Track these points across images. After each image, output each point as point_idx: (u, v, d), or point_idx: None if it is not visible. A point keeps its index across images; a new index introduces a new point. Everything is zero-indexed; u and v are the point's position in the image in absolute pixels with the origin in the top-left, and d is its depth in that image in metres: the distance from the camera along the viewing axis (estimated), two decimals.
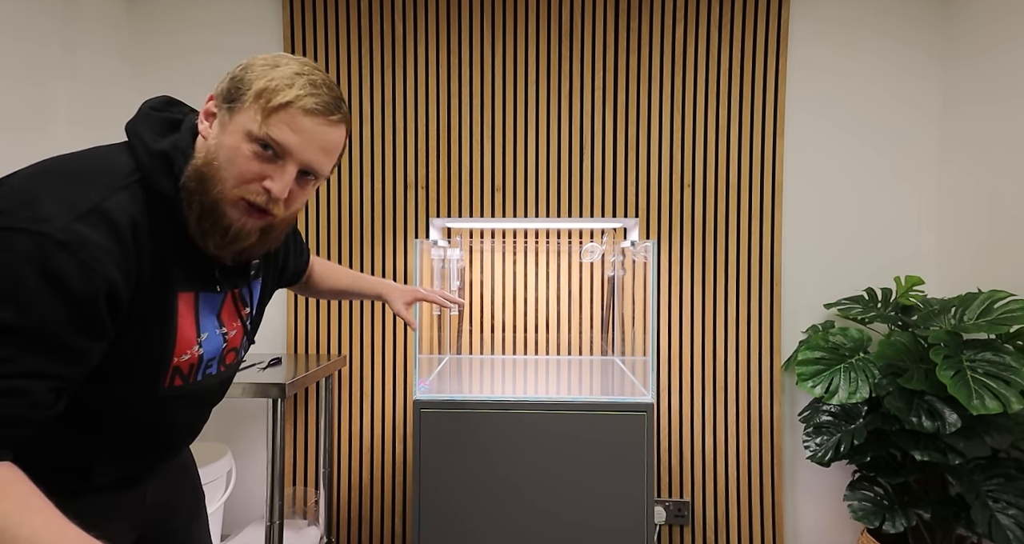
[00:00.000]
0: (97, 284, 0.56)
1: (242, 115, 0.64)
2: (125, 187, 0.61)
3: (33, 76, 1.54)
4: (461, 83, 1.86)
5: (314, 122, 0.65)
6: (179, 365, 0.70)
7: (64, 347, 0.56)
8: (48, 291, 0.54)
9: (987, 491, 1.40)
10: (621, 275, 1.83)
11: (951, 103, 1.80)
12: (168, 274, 0.65)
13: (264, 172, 0.65)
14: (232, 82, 0.65)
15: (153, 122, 0.68)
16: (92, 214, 0.57)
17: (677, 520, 1.83)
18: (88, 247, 0.55)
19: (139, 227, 0.61)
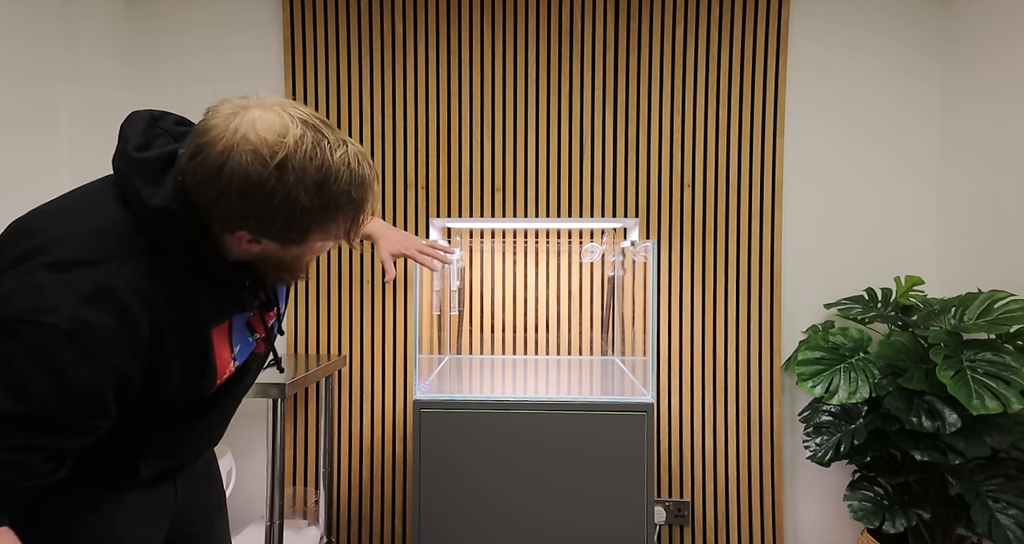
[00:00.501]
0: (104, 370, 0.56)
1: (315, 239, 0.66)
2: (130, 257, 0.59)
3: (34, 77, 1.54)
4: (461, 83, 1.86)
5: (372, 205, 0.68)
6: (221, 383, 0.75)
7: (62, 428, 0.57)
8: (51, 383, 0.54)
9: (987, 491, 1.40)
10: (621, 275, 1.83)
11: (951, 103, 1.80)
12: (195, 319, 0.66)
13: None
14: (284, 232, 0.61)
15: (145, 169, 0.62)
16: (96, 295, 0.56)
17: (677, 520, 1.83)
18: (92, 332, 0.55)
19: (146, 295, 0.59)
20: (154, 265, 0.61)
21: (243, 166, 0.56)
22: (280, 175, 0.57)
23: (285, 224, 0.61)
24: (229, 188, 0.57)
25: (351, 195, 0.62)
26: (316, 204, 0.60)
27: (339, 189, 0.60)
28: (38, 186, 1.55)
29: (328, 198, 0.60)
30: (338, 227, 0.64)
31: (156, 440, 0.73)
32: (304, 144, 0.58)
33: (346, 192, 0.61)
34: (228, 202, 0.58)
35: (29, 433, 0.54)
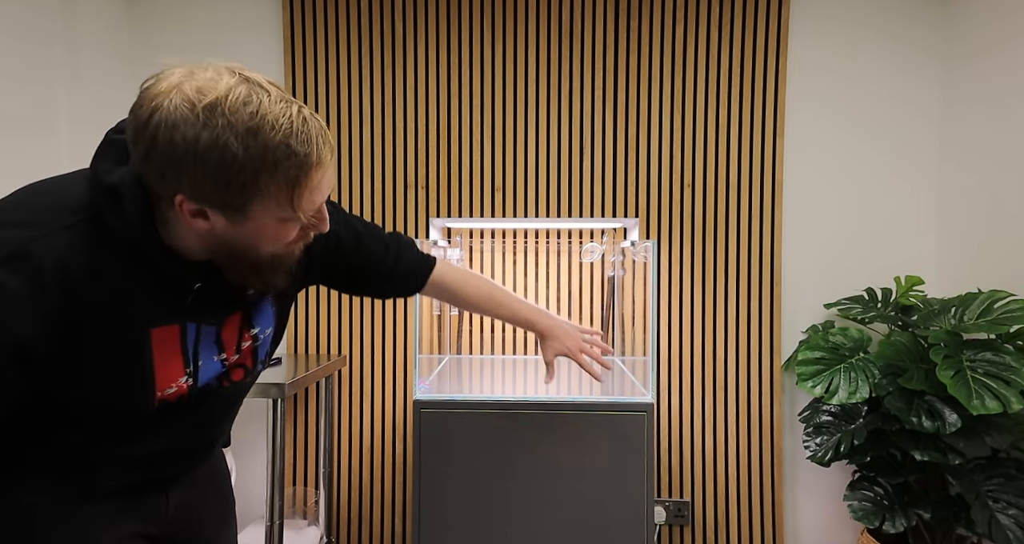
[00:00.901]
0: (5, 336, 0.54)
1: (260, 211, 0.59)
2: (70, 226, 0.58)
3: (34, 76, 1.54)
4: (461, 83, 1.86)
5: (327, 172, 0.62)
6: (165, 397, 0.68)
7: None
8: None
9: (987, 491, 1.40)
10: (621, 275, 1.83)
11: (951, 103, 1.80)
12: (130, 312, 0.62)
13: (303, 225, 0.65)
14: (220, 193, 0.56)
15: (112, 151, 0.62)
16: (12, 258, 0.55)
17: (677, 520, 1.83)
18: (2, 294, 0.54)
19: (70, 269, 0.57)
20: (92, 243, 0.59)
21: (170, 112, 0.54)
22: (208, 119, 0.53)
23: (219, 180, 0.55)
24: (156, 136, 0.54)
25: (290, 147, 0.55)
26: (249, 154, 0.54)
27: (276, 139, 0.55)
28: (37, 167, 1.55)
29: (263, 149, 0.54)
30: (279, 189, 0.57)
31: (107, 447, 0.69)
32: (238, 90, 0.55)
33: (283, 144, 0.55)
34: (157, 154, 0.55)
35: None
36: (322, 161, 0.59)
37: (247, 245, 0.62)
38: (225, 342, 0.72)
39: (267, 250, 0.64)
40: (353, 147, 1.88)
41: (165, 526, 0.78)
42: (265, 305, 0.77)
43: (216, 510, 0.88)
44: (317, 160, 0.58)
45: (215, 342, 0.71)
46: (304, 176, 0.58)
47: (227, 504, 0.91)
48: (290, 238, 0.64)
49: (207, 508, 0.86)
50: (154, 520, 0.77)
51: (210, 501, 0.87)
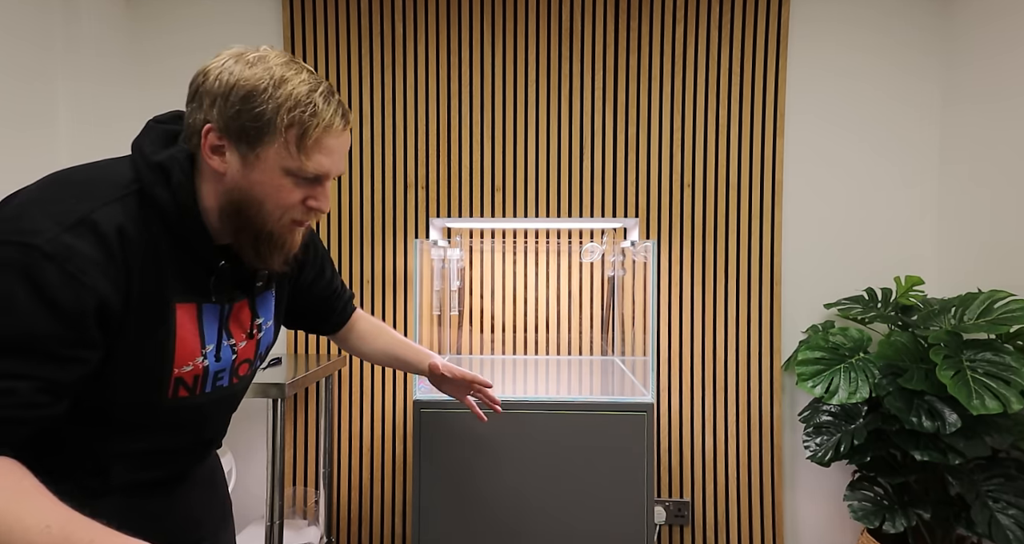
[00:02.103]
0: (84, 297, 0.57)
1: (272, 154, 0.64)
2: (119, 198, 0.62)
3: (34, 76, 1.54)
4: (461, 83, 1.86)
5: (339, 138, 0.68)
6: (181, 376, 0.70)
7: (48, 354, 0.56)
8: (34, 302, 0.55)
9: (987, 491, 1.40)
10: (621, 275, 1.83)
11: (951, 103, 1.80)
12: (163, 284, 0.65)
13: (305, 194, 0.68)
14: (242, 117, 0.63)
15: (155, 135, 0.68)
16: (80, 225, 0.58)
17: (677, 520, 1.83)
18: (75, 259, 0.56)
19: (127, 236, 0.61)
20: (139, 215, 0.63)
21: (219, 63, 0.64)
22: (251, 65, 0.63)
23: (245, 105, 0.62)
24: (207, 78, 0.64)
25: (312, 98, 0.64)
26: (276, 92, 0.62)
27: (303, 89, 0.63)
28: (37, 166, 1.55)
29: (289, 92, 0.63)
30: (292, 133, 0.63)
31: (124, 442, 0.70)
32: (283, 57, 0.65)
33: (308, 93, 0.63)
34: (202, 90, 0.63)
35: (16, 359, 0.55)
36: (337, 126, 0.66)
37: (253, 199, 0.66)
38: (235, 327, 0.75)
39: (270, 212, 0.67)
40: (353, 147, 1.88)
41: (169, 526, 0.79)
42: (268, 297, 0.81)
43: (213, 514, 0.89)
44: (333, 122, 0.65)
45: (226, 326, 0.74)
46: (318, 128, 0.64)
47: (224, 508, 0.92)
48: (292, 201, 0.67)
49: (205, 511, 0.87)
50: (159, 521, 0.77)
51: (208, 504, 0.88)
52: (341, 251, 1.89)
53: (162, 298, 0.65)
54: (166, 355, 0.67)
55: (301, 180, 0.66)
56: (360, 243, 1.89)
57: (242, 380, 0.80)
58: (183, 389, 0.71)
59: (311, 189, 0.68)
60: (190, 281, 0.68)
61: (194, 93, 0.65)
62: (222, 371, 0.75)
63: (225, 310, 0.73)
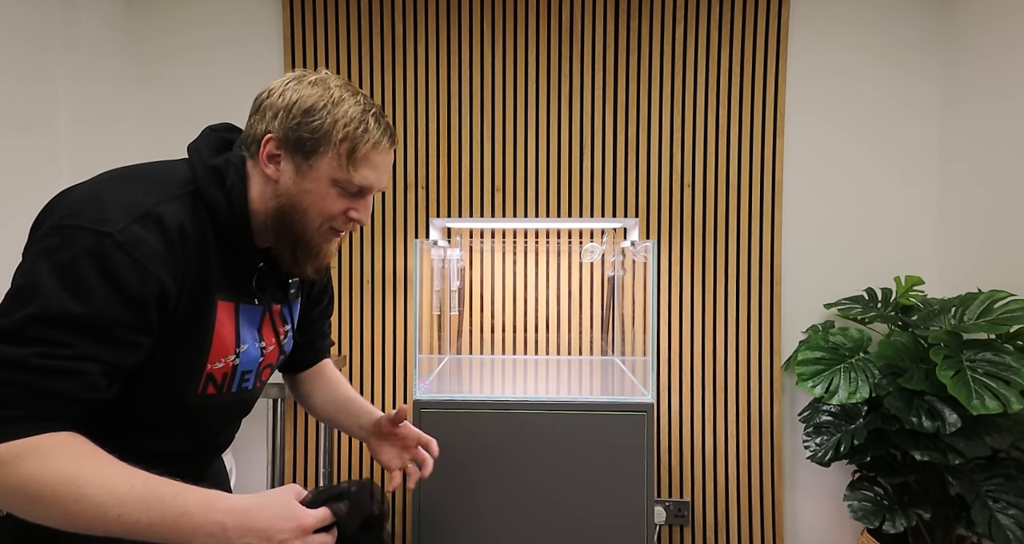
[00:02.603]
0: (149, 283, 0.60)
1: (324, 165, 0.70)
2: (178, 196, 0.66)
3: (33, 76, 1.54)
4: (461, 83, 1.86)
5: (385, 156, 0.74)
6: (212, 372, 0.71)
7: (116, 338, 0.59)
8: (105, 286, 0.58)
9: (987, 491, 1.40)
10: (621, 275, 1.83)
11: (951, 103, 1.80)
12: (208, 281, 0.68)
13: (348, 205, 0.74)
14: (301, 129, 0.69)
15: (211, 140, 0.74)
16: (146, 218, 0.62)
17: (677, 520, 1.83)
18: (142, 248, 0.60)
19: (186, 232, 0.65)
20: (194, 213, 0.67)
21: (283, 82, 0.72)
22: (312, 84, 0.71)
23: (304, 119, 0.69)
24: (271, 94, 0.71)
25: (365, 118, 0.70)
26: (334, 110, 0.69)
27: (358, 109, 0.70)
28: (38, 184, 1.55)
29: (345, 111, 0.69)
30: (344, 148, 0.69)
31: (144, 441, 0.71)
32: (340, 80, 0.73)
33: (361, 113, 0.71)
34: (266, 104, 0.71)
35: (91, 342, 0.58)
36: (384, 144, 0.73)
37: (299, 206, 0.71)
38: (268, 331, 0.79)
39: (313, 219, 0.72)
40: None
41: None
42: (296, 305, 0.85)
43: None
44: (381, 140, 0.72)
45: (258, 328, 0.77)
46: (367, 144, 0.71)
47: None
48: (334, 210, 0.72)
49: None
50: None
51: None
52: (341, 251, 1.89)
53: (207, 293, 0.69)
54: (203, 349, 0.69)
55: (346, 192, 0.72)
56: (360, 243, 1.89)
57: (263, 384, 0.83)
58: (212, 386, 0.72)
59: (354, 201, 0.74)
60: (232, 280, 0.72)
61: (258, 107, 0.71)
62: (249, 372, 0.77)
63: (262, 312, 0.77)
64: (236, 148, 0.73)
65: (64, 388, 0.57)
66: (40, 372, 0.55)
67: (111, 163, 1.81)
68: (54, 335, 0.56)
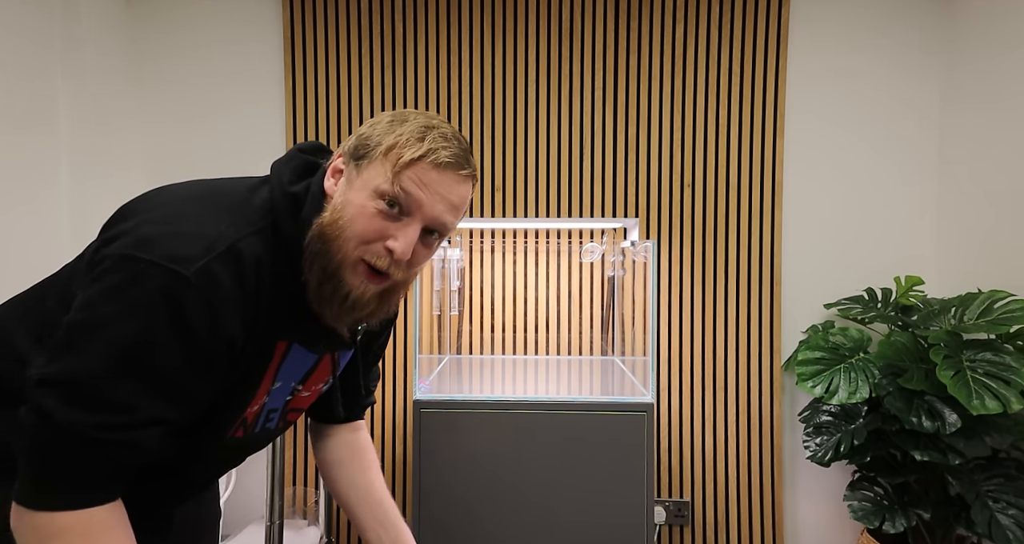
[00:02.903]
0: (221, 336, 0.56)
1: (370, 171, 0.61)
2: (259, 230, 0.60)
3: (34, 74, 1.54)
4: (461, 83, 1.86)
5: (443, 176, 0.62)
6: (247, 415, 0.68)
7: (184, 393, 0.56)
8: (179, 337, 0.53)
9: (987, 491, 1.40)
10: (621, 275, 1.83)
11: (951, 103, 1.80)
12: (276, 321, 0.63)
13: (387, 231, 0.61)
14: (360, 139, 0.64)
15: (295, 163, 0.67)
16: (228, 254, 0.56)
17: (677, 520, 1.83)
18: (219, 291, 0.55)
19: (262, 272, 0.59)
20: (274, 245, 0.61)
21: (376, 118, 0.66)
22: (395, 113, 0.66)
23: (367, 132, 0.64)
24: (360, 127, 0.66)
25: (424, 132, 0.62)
26: (396, 123, 0.63)
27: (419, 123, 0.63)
28: (38, 182, 1.55)
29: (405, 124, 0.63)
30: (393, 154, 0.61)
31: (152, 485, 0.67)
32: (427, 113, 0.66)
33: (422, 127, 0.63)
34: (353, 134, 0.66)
35: (160, 400, 0.54)
36: (439, 159, 0.61)
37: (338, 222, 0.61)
38: (314, 378, 0.73)
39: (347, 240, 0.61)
40: None
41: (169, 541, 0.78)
42: (346, 356, 0.78)
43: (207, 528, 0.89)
44: (437, 153, 0.61)
45: (303, 373, 0.71)
46: (415, 151, 0.61)
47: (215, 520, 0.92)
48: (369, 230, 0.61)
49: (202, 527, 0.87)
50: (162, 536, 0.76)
51: (205, 520, 0.88)
52: None
53: (272, 335, 0.63)
54: (251, 393, 0.65)
55: (387, 208, 0.61)
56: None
57: (286, 424, 0.77)
58: (241, 429, 0.69)
59: (394, 227, 0.61)
60: (295, 321, 0.65)
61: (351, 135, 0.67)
62: (274, 411, 0.72)
63: (314, 358, 0.70)
64: (319, 174, 0.66)
65: (124, 459, 0.53)
66: (101, 445, 0.51)
67: (111, 162, 1.81)
68: (118, 397, 0.52)
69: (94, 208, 1.70)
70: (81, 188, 1.67)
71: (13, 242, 1.48)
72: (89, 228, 1.69)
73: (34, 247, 1.53)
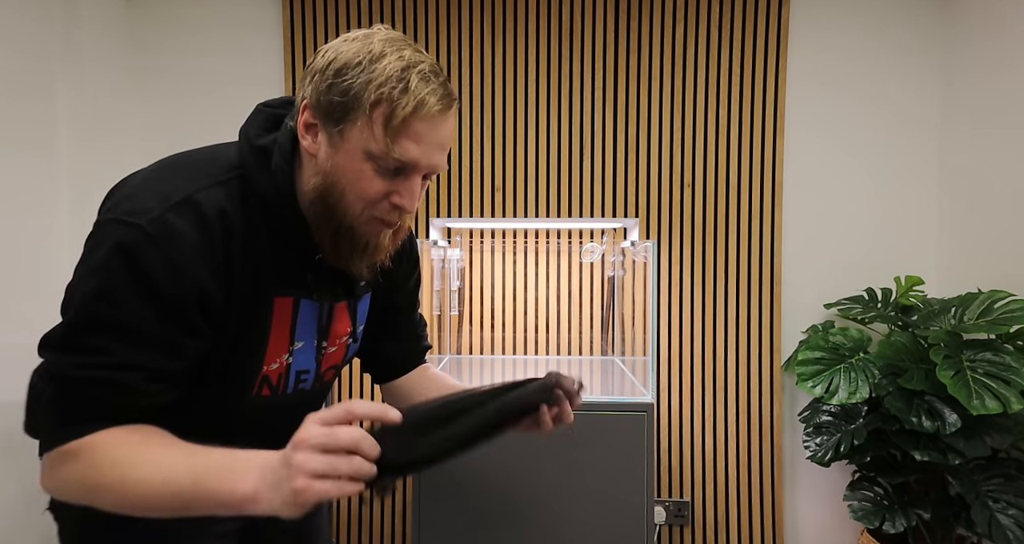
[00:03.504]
0: (185, 285, 0.56)
1: (356, 133, 0.58)
2: (224, 181, 0.61)
3: (33, 83, 1.54)
4: (461, 83, 1.86)
5: (434, 124, 0.60)
6: (267, 374, 0.67)
7: (156, 341, 0.57)
8: (138, 287, 0.55)
9: (987, 491, 1.40)
10: (621, 275, 1.83)
11: (951, 103, 1.80)
12: (263, 276, 0.63)
13: (390, 188, 0.61)
14: (330, 92, 0.59)
15: (261, 119, 0.66)
16: (183, 205, 0.57)
17: (677, 520, 1.83)
18: (176, 239, 0.56)
19: (229, 221, 0.59)
20: (242, 201, 0.61)
21: (332, 42, 0.62)
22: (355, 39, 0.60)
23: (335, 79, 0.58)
24: (314, 59, 0.61)
25: (407, 76, 0.57)
26: (370, 67, 0.57)
27: (398, 65, 0.58)
28: (37, 181, 1.55)
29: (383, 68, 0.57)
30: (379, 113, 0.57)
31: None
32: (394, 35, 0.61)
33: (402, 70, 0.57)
34: (309, 68, 0.61)
35: (128, 347, 0.55)
36: (431, 107, 0.58)
37: (336, 186, 0.60)
38: (329, 329, 0.72)
39: (352, 203, 0.61)
40: None
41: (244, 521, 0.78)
42: (365, 302, 0.78)
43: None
44: (427, 101, 0.58)
45: (319, 327, 0.71)
46: (407, 107, 0.57)
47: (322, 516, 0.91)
48: (373, 193, 0.61)
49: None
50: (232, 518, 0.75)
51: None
52: None
53: (262, 291, 0.63)
54: (259, 351, 0.65)
55: (384, 169, 0.60)
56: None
57: (324, 385, 0.76)
58: (266, 388, 0.68)
59: (396, 182, 0.61)
60: (288, 274, 0.65)
61: (304, 72, 0.62)
62: (306, 372, 0.71)
63: (324, 310, 0.70)
64: (286, 123, 0.64)
65: (107, 396, 0.55)
66: (81, 382, 0.55)
67: (110, 168, 1.81)
68: (92, 342, 0.55)
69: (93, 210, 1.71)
70: (81, 198, 1.67)
71: (10, 250, 1.48)
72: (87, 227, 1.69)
73: (33, 259, 1.54)
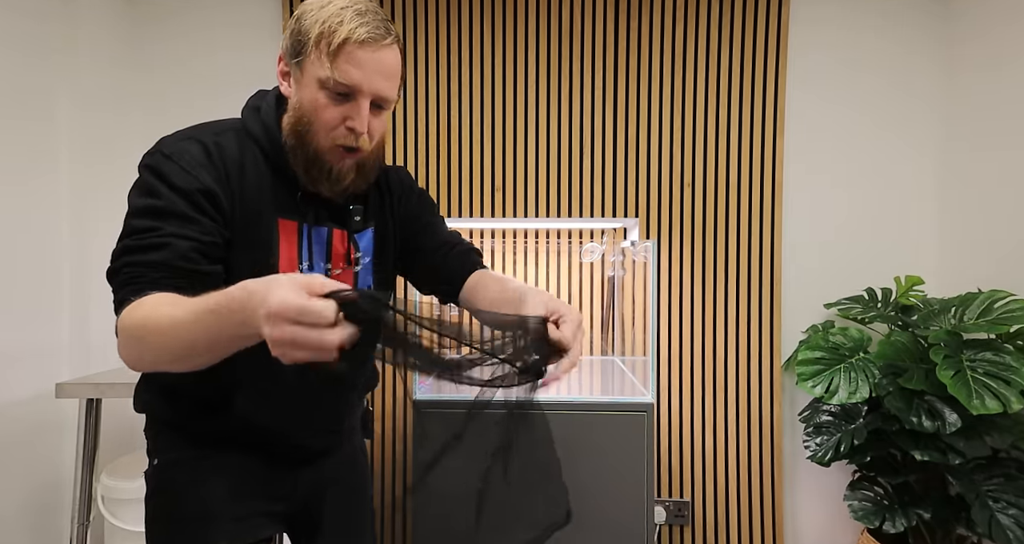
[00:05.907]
0: (190, 180, 0.70)
1: (309, 66, 0.71)
2: (221, 132, 0.76)
3: (33, 80, 1.54)
4: (461, 83, 1.86)
5: (369, 51, 0.70)
6: None
7: (188, 218, 0.69)
8: (163, 184, 0.70)
9: (987, 491, 1.40)
10: (621, 275, 1.83)
11: (951, 102, 1.80)
12: (263, 200, 0.75)
13: (344, 114, 0.72)
14: (292, 37, 0.72)
15: (258, 94, 0.81)
16: (190, 139, 0.73)
17: (677, 520, 1.83)
18: (185, 156, 0.71)
19: (224, 150, 0.74)
20: (239, 143, 0.76)
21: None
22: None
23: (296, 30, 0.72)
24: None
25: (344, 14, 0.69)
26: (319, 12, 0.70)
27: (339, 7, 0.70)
28: (36, 180, 1.55)
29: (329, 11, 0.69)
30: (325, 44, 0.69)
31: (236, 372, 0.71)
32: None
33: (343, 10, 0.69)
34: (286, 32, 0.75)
35: (171, 223, 0.68)
36: (360, 36, 0.69)
37: (304, 118, 0.73)
38: (332, 252, 0.81)
39: (317, 132, 0.73)
40: None
41: (291, 504, 0.85)
42: (367, 234, 0.86)
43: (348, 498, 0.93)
44: (357, 31, 0.69)
45: (324, 250, 0.81)
46: (340, 37, 0.68)
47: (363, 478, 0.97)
48: (331, 120, 0.72)
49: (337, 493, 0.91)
50: (279, 498, 0.84)
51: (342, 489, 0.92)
52: None
53: (264, 213, 0.75)
54: (271, 265, 0.75)
55: (335, 95, 0.71)
56: None
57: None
58: None
59: (348, 108, 0.72)
60: (285, 202, 0.77)
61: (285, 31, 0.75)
62: None
63: (325, 233, 0.80)
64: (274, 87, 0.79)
65: (158, 258, 0.66)
66: (138, 251, 0.67)
67: (111, 168, 1.81)
68: (143, 224, 0.68)
69: (94, 203, 1.71)
70: (81, 199, 1.67)
71: (13, 237, 1.48)
72: (88, 229, 1.69)
73: (32, 246, 1.54)
